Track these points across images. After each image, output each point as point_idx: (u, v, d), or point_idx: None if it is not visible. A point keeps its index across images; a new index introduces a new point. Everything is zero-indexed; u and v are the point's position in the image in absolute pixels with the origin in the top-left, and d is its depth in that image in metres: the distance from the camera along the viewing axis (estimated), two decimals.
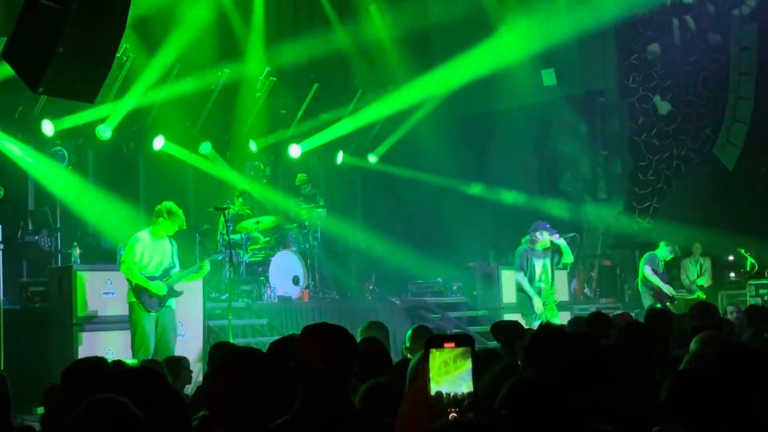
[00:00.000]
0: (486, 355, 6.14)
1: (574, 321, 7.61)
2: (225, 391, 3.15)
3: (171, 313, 10.06)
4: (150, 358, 9.33)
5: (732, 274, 16.04)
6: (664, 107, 16.99)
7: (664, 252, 14.34)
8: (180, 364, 7.45)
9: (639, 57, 17.13)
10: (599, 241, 17.45)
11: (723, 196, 16.07)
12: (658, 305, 13.55)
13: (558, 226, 17.43)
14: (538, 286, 12.33)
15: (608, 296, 16.62)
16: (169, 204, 10.13)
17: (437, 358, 2.07)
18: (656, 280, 14.12)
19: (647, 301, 14.12)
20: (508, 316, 14.31)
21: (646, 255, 14.50)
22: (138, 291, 9.87)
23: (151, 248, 10.00)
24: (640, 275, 14.42)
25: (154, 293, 9.86)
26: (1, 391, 3.95)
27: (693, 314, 7.42)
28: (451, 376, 2.06)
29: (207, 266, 10.42)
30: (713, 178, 16.47)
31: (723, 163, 16.60)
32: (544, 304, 12.21)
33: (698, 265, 15.51)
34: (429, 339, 2.15)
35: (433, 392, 2.07)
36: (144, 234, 10.08)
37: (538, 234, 12.35)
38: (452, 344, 2.09)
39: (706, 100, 16.73)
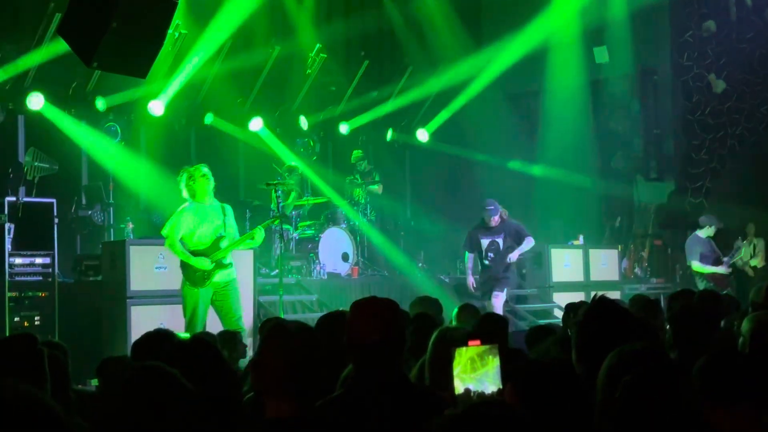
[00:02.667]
0: (538, 331, 6.14)
1: (637, 300, 7.49)
2: (273, 364, 3.15)
3: (227, 286, 9.56)
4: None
5: None
6: (718, 85, 16.74)
7: (706, 232, 14.08)
8: (234, 338, 7.44)
9: (693, 34, 16.87)
10: (650, 220, 17.29)
11: None
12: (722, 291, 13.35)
13: (609, 205, 17.37)
14: (486, 264, 12.20)
15: (659, 276, 16.48)
16: (185, 170, 9.59)
17: (464, 355, 1.99)
18: (707, 269, 13.88)
19: (702, 286, 13.92)
20: (557, 295, 14.31)
21: (689, 244, 14.15)
22: (183, 267, 9.50)
23: (195, 219, 9.48)
24: (691, 267, 14.20)
25: (198, 268, 9.42)
26: (60, 361, 4.01)
27: (755, 293, 7.33)
28: (478, 374, 1.99)
29: (261, 233, 9.78)
30: None
31: None
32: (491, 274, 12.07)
33: (752, 246, 15.31)
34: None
35: (461, 390, 1.99)
36: (187, 206, 9.54)
37: (490, 211, 12.17)
38: (477, 342, 2.02)
39: (762, 78, 16.45)
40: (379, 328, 3.55)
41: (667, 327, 4.75)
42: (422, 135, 17.71)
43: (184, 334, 8.76)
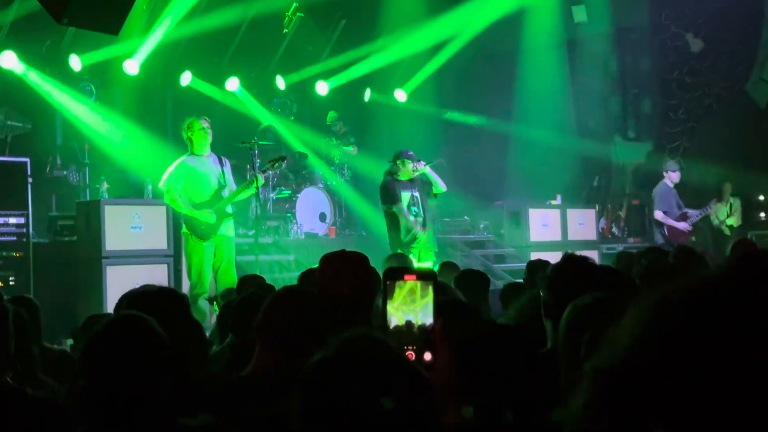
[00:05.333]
0: (511, 289, 6.17)
1: (621, 256, 7.50)
2: (278, 324, 3.18)
3: (229, 241, 9.71)
4: (206, 292, 9.22)
5: (762, 214, 15.92)
6: (696, 45, 16.74)
7: (673, 179, 13.83)
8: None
9: None
10: (628, 180, 17.34)
11: (755, 135, 15.88)
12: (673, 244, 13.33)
13: (587, 164, 17.37)
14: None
15: (636, 236, 16.53)
16: (186, 120, 9.71)
17: (403, 288, 2.00)
18: (668, 222, 13.77)
19: (660, 237, 13.87)
20: (534, 255, 14.32)
21: (659, 192, 13.98)
22: (188, 221, 9.50)
23: (193, 171, 9.53)
24: (654, 216, 14.13)
25: (203, 222, 9.44)
26: (21, 318, 3.98)
27: (731, 251, 7.43)
28: (417, 305, 2.00)
29: (260, 179, 9.78)
30: (745, 117, 16.25)
31: (755, 101, 16.37)
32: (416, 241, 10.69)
33: (728, 205, 15.38)
34: (387, 271, 2.06)
35: (402, 322, 1.99)
36: (183, 159, 9.59)
37: (398, 163, 10.95)
38: (413, 277, 2.02)
39: (739, 37, 16.45)
40: (350, 281, 3.56)
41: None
42: (400, 95, 17.65)
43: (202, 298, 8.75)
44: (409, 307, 1.99)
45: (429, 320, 1.99)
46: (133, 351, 2.84)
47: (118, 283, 9.96)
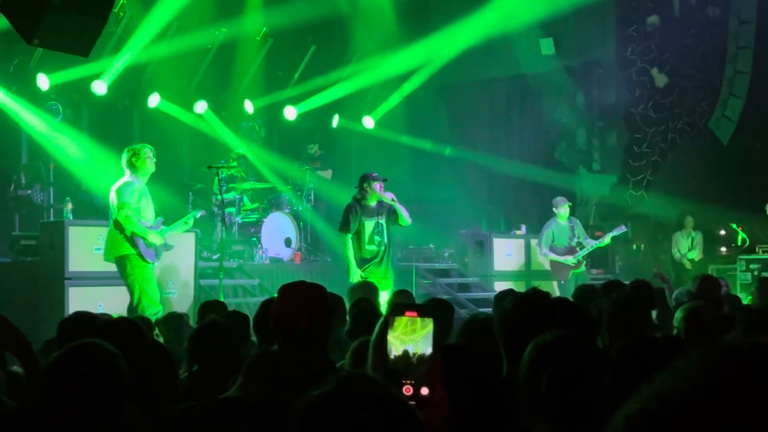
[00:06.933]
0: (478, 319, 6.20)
1: (582, 288, 7.56)
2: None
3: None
4: (161, 311, 9.07)
5: (723, 249, 16.08)
6: (661, 80, 16.94)
7: (562, 214, 14.02)
8: (180, 321, 7.34)
9: (638, 28, 17.05)
10: (592, 212, 17.46)
11: (717, 171, 16.09)
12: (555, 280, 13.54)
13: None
14: (372, 249, 10.67)
15: (599, 267, 16.63)
16: (131, 148, 9.49)
17: (403, 321, 2.02)
18: (550, 257, 13.89)
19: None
20: (498, 284, 14.40)
21: (543, 228, 14.22)
22: (134, 241, 9.20)
23: (141, 195, 9.32)
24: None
25: (152, 244, 9.26)
26: None
27: (696, 287, 7.53)
28: (416, 336, 2.02)
29: (191, 220, 9.84)
30: (708, 153, 16.47)
31: (718, 137, 16.60)
32: (377, 263, 10.62)
33: (689, 239, 15.54)
34: (391, 306, 2.09)
35: (399, 351, 2.02)
36: (131, 180, 9.32)
37: (365, 186, 10.72)
38: (414, 313, 2.04)
39: (703, 73, 16.69)
40: (307, 313, 3.57)
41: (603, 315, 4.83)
42: (368, 122, 17.71)
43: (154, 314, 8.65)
44: (410, 337, 2.02)
45: (428, 350, 2.02)
46: (91, 380, 2.79)
47: (81, 304, 9.85)
